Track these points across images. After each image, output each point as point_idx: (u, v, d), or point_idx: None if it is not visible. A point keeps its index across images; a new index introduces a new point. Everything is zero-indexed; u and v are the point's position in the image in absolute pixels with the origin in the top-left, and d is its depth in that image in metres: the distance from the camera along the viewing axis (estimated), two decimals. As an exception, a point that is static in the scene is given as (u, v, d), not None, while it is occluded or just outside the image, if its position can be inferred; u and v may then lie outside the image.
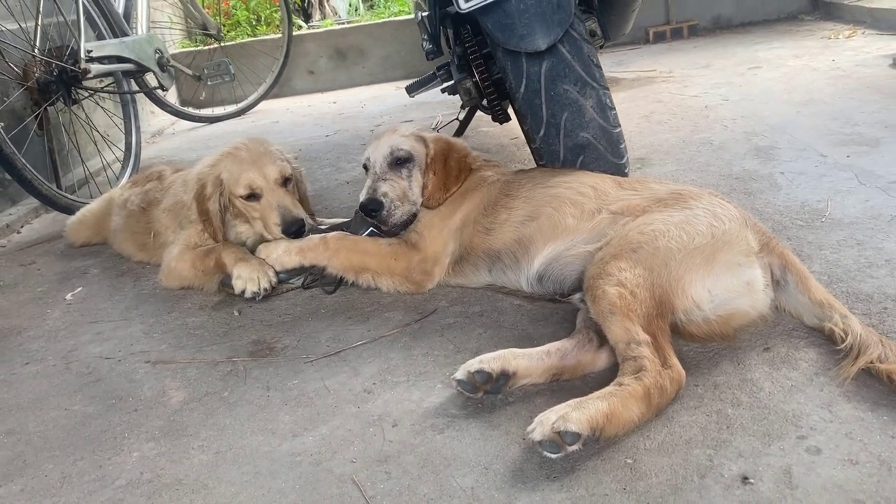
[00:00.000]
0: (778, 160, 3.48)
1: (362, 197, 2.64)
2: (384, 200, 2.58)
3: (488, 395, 1.93)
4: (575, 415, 1.64)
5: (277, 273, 2.72)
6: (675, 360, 1.83)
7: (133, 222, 3.30)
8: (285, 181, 2.87)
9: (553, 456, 1.64)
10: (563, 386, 1.97)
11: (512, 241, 2.42)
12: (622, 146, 2.67)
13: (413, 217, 2.66)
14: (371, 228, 2.72)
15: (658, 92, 5.34)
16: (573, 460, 1.66)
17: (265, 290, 2.67)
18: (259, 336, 2.48)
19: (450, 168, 2.63)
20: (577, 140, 2.57)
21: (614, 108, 2.61)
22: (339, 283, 2.70)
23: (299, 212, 2.82)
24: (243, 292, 2.67)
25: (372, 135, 2.88)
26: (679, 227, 2.00)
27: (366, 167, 2.75)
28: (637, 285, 1.91)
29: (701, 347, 2.04)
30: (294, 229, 2.75)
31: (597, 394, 1.74)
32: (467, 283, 2.58)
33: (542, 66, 2.49)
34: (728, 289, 1.94)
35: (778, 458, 1.59)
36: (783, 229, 2.69)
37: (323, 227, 2.91)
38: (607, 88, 2.58)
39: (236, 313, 2.67)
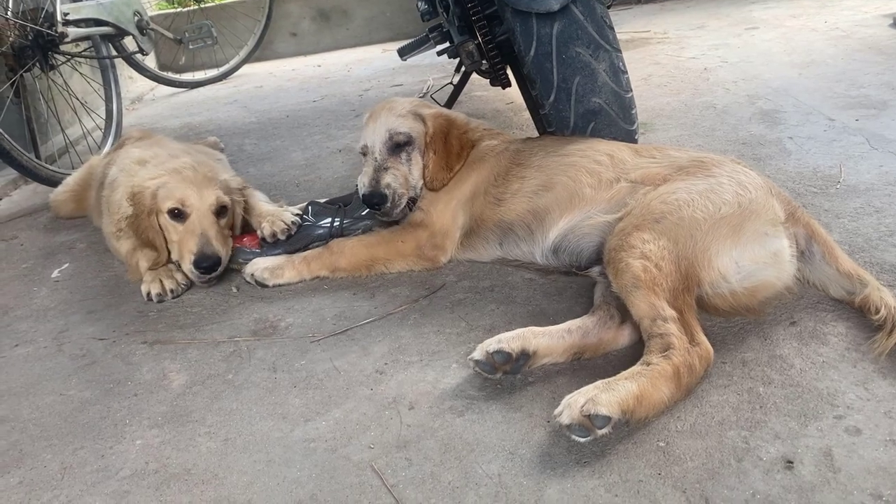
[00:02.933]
0: (785, 124, 3.39)
1: (363, 188, 2.53)
2: (387, 192, 2.49)
3: (507, 375, 1.85)
4: (604, 397, 1.57)
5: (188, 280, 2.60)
6: (702, 337, 1.76)
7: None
8: (220, 211, 2.62)
9: (582, 440, 1.57)
10: (584, 365, 1.90)
11: (525, 211, 2.32)
12: (633, 112, 2.58)
13: (413, 201, 2.57)
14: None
15: (654, 54, 5.22)
16: (603, 444, 1.59)
17: (171, 290, 2.55)
18: (260, 314, 2.38)
19: (451, 146, 2.52)
20: (589, 105, 2.47)
21: (626, 72, 2.51)
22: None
23: (219, 249, 2.53)
24: (149, 296, 2.55)
25: (367, 113, 2.72)
26: (704, 196, 1.91)
27: (363, 153, 2.64)
28: (662, 258, 1.83)
29: (725, 322, 1.97)
30: (206, 265, 2.49)
31: (624, 374, 1.66)
32: (477, 258, 2.49)
33: (553, 27, 2.37)
34: (755, 260, 1.87)
35: (816, 439, 1.53)
36: (797, 196, 2.62)
37: (293, 211, 2.75)
38: (620, 51, 2.47)
39: (234, 290, 2.56)
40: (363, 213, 2.63)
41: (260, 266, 2.54)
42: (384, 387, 1.90)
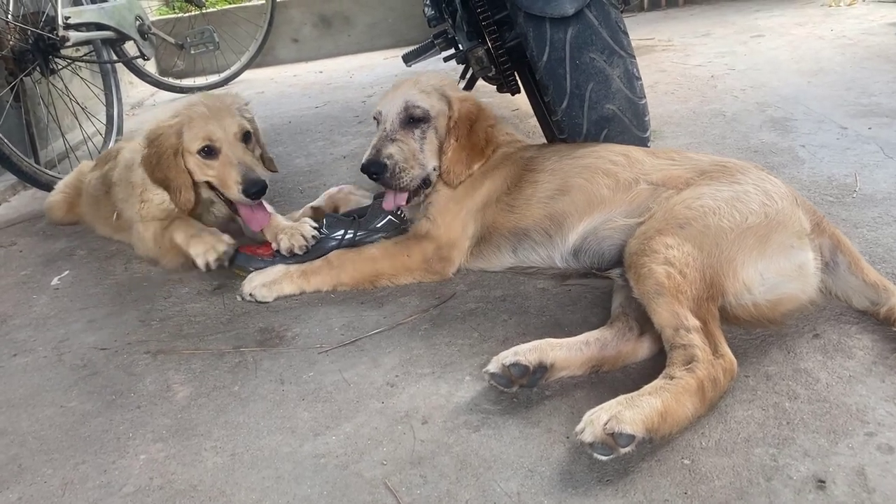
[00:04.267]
0: (797, 132, 3.35)
1: (365, 157, 2.42)
2: (388, 163, 2.36)
3: (523, 388, 1.80)
4: (628, 414, 1.51)
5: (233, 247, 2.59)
6: (726, 349, 1.70)
7: (102, 208, 3.11)
8: (245, 136, 2.63)
9: (605, 458, 1.51)
10: (602, 378, 1.84)
11: (542, 217, 2.26)
12: (647, 119, 2.53)
13: (425, 182, 2.46)
14: (389, 218, 2.55)
15: (660, 61, 5.19)
16: (625, 461, 1.53)
17: (224, 253, 2.55)
18: (266, 323, 2.32)
19: (475, 138, 2.41)
20: (603, 112, 2.42)
21: (640, 78, 2.46)
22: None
23: (262, 172, 2.57)
24: (207, 265, 2.54)
25: (391, 86, 2.61)
26: (730, 204, 1.86)
27: (376, 120, 2.53)
28: (686, 265, 1.77)
29: (746, 334, 1.92)
30: (255, 190, 2.50)
31: (647, 388, 1.61)
32: (488, 267, 2.43)
33: (567, 32, 2.33)
34: (780, 272, 1.82)
35: (848, 457, 1.47)
36: (814, 205, 2.56)
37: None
38: (634, 57, 2.42)
39: (239, 298, 2.50)
40: (378, 226, 2.56)
41: (257, 283, 2.45)
42: (396, 400, 1.85)
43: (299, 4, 7.98)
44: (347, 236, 2.58)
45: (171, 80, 6.71)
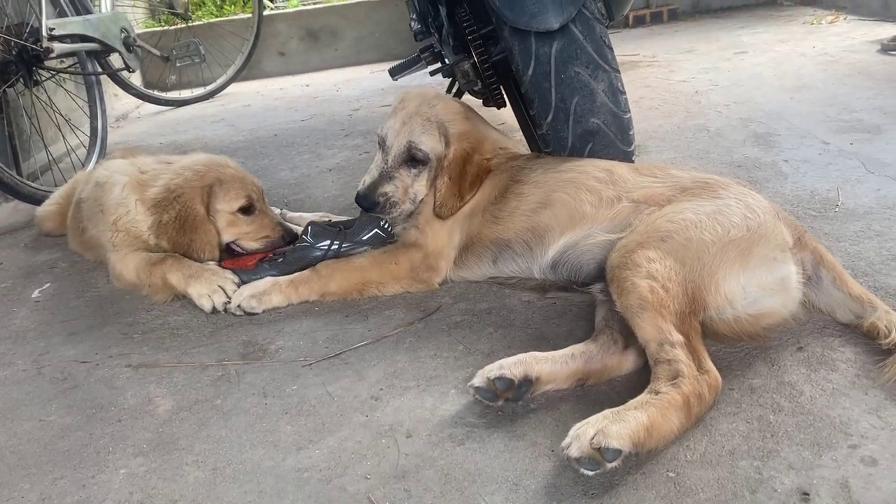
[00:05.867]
0: (779, 147, 3.38)
1: (361, 186, 2.47)
2: (381, 200, 2.45)
3: (508, 402, 1.79)
4: (615, 429, 1.50)
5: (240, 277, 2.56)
6: (710, 364, 1.70)
7: (73, 220, 3.07)
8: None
9: (591, 473, 1.50)
10: (587, 391, 1.83)
11: (524, 229, 2.26)
12: (631, 133, 2.54)
13: (411, 214, 2.52)
14: (375, 231, 2.55)
15: (645, 77, 5.23)
16: (610, 475, 1.53)
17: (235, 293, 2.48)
18: (249, 336, 2.30)
19: (466, 175, 2.42)
20: (587, 126, 2.43)
21: (625, 93, 2.48)
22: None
23: (289, 225, 2.78)
24: (214, 309, 2.46)
25: (397, 100, 2.61)
26: (712, 217, 1.87)
27: (380, 142, 2.54)
28: (669, 279, 1.78)
29: (730, 347, 1.92)
30: (289, 239, 2.71)
31: (633, 403, 1.60)
32: (469, 276, 2.43)
33: (552, 46, 2.34)
34: (762, 286, 1.82)
35: (832, 469, 1.47)
36: (796, 220, 2.57)
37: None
38: (619, 71, 2.44)
39: (225, 311, 2.47)
40: (364, 238, 2.56)
41: (245, 294, 2.43)
42: (380, 413, 1.83)
43: (286, 18, 8.00)
44: (333, 247, 2.57)
45: (156, 93, 6.69)
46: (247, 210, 2.67)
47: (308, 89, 6.89)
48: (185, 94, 6.83)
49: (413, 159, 2.46)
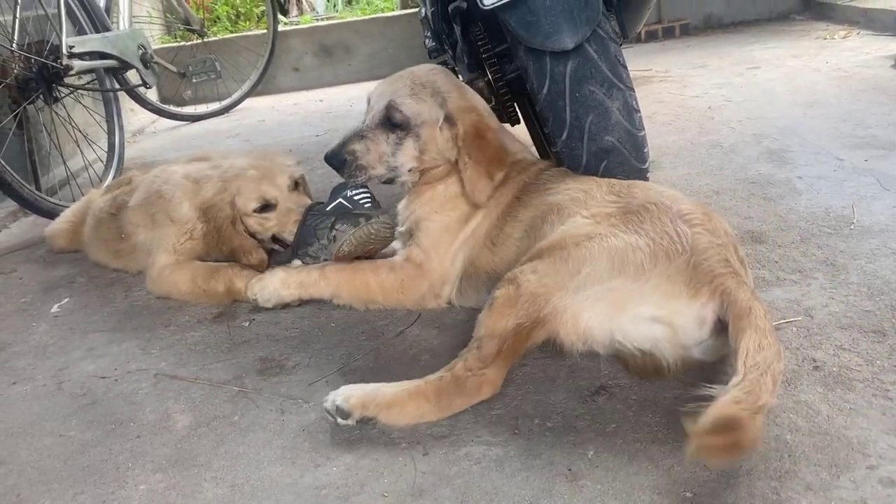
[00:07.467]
0: (793, 164, 3.38)
1: (330, 147, 2.42)
2: (348, 158, 2.36)
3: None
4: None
5: None
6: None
7: (104, 229, 3.13)
8: (296, 185, 2.86)
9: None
10: (603, 408, 1.84)
11: (514, 259, 2.16)
12: (646, 150, 2.55)
13: (390, 181, 2.46)
14: (339, 200, 2.58)
15: (657, 92, 5.24)
16: (627, 493, 1.53)
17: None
18: (266, 352, 2.32)
19: (489, 149, 2.30)
20: (602, 144, 2.44)
21: (639, 111, 2.49)
22: None
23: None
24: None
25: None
26: (610, 254, 1.83)
27: (367, 102, 2.50)
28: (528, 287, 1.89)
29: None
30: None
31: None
32: (469, 305, 2.40)
33: (567, 66, 2.36)
34: (628, 338, 1.81)
35: (850, 491, 1.47)
36: (811, 237, 2.59)
37: None
38: (633, 90, 2.45)
39: (246, 324, 2.50)
40: (328, 209, 2.59)
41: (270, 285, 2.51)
42: (397, 431, 1.84)
43: (300, 34, 8.08)
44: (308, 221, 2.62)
45: (172, 108, 6.76)
46: (265, 208, 2.77)
47: (322, 104, 6.94)
48: (201, 109, 6.90)
49: (390, 121, 2.36)
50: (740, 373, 1.55)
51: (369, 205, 2.63)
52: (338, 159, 2.37)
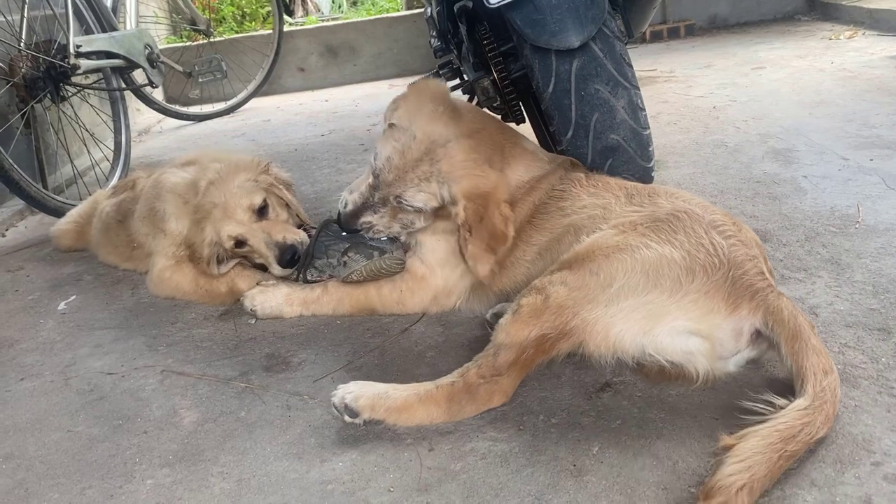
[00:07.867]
0: (799, 163, 3.38)
1: (342, 205, 2.38)
2: (362, 228, 2.36)
3: None
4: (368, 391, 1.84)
5: None
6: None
7: (113, 235, 3.14)
8: (261, 211, 2.65)
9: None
10: (608, 406, 1.84)
11: (523, 282, 2.15)
12: (651, 149, 2.55)
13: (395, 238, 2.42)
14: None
15: (662, 92, 5.24)
16: (630, 489, 1.54)
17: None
18: (272, 349, 2.33)
19: (491, 224, 2.19)
20: (607, 142, 2.45)
21: (644, 109, 2.49)
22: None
23: (286, 236, 2.60)
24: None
25: (396, 101, 2.57)
26: (644, 267, 1.80)
27: (373, 161, 2.40)
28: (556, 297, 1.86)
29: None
30: (288, 258, 2.56)
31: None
32: (475, 311, 2.41)
33: (572, 64, 2.36)
34: (661, 351, 1.78)
35: (855, 486, 1.48)
36: (816, 236, 2.59)
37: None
38: (638, 88, 2.45)
39: (252, 321, 2.51)
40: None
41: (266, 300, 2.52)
42: (402, 426, 1.85)
43: (306, 34, 8.10)
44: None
45: (177, 108, 6.78)
46: (240, 244, 2.65)
47: (327, 104, 6.96)
48: (207, 108, 6.92)
49: (400, 207, 2.30)
50: (809, 396, 1.60)
51: (385, 238, 2.57)
52: (349, 228, 2.39)
